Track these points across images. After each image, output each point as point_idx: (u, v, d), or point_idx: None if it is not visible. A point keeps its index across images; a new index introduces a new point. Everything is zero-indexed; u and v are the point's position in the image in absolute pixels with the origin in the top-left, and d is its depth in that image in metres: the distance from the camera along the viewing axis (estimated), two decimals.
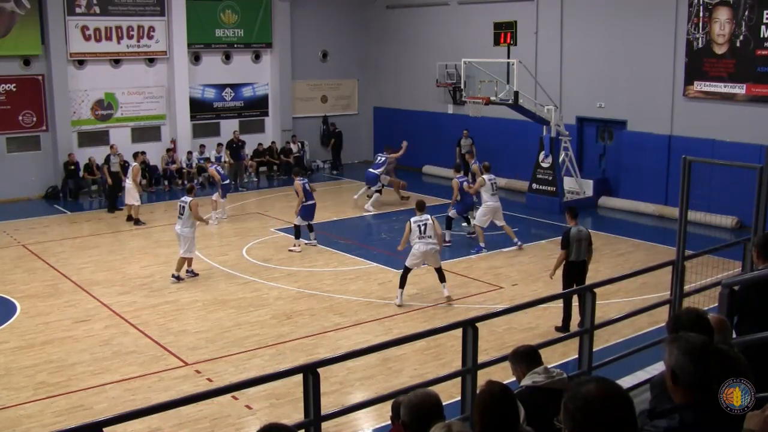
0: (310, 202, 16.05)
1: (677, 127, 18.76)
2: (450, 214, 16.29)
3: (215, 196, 18.64)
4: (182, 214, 14.22)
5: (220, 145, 23.61)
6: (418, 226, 12.64)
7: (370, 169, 19.96)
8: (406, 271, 12.72)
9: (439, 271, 12.81)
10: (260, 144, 24.87)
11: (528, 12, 21.63)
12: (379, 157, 20.13)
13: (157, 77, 23.65)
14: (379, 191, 19.85)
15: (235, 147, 23.10)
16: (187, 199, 14.27)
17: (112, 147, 20.89)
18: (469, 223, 16.80)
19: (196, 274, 14.39)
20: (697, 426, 3.06)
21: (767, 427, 2.84)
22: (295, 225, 16.02)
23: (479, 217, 15.96)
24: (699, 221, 16.35)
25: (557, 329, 11.15)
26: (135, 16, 22.82)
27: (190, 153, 23.41)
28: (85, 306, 12.84)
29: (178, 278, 14.12)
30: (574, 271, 11.35)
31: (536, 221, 18.82)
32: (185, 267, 14.27)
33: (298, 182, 16.18)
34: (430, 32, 24.98)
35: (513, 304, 10.92)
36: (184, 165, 23.28)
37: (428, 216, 12.86)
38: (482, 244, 15.80)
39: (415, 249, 12.63)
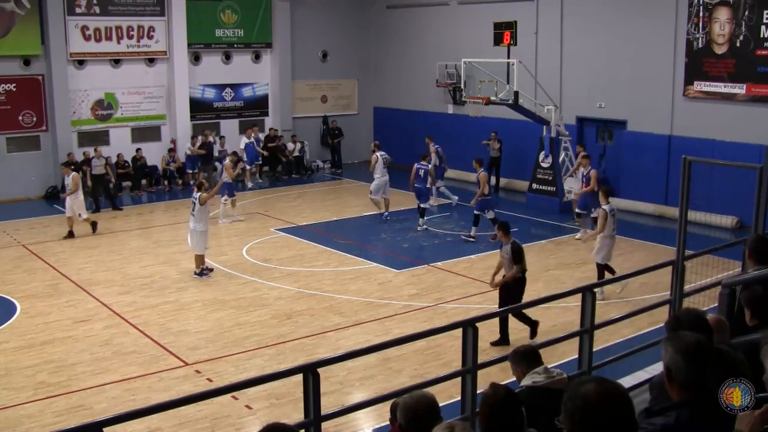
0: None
1: (677, 127, 18.76)
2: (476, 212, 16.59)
3: (224, 198, 18.50)
4: (194, 211, 14.26)
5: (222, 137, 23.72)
6: None
7: (417, 185, 17.75)
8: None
9: None
10: (273, 129, 24.96)
11: (528, 12, 21.63)
12: (420, 170, 17.80)
13: (157, 77, 23.65)
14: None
15: (206, 147, 22.73)
16: (197, 194, 14.32)
17: (96, 150, 20.73)
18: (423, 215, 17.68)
19: (205, 273, 14.45)
20: (693, 424, 3.07)
21: (758, 428, 2.85)
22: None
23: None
24: (699, 221, 16.36)
25: (493, 344, 10.52)
26: (135, 16, 22.82)
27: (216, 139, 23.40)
28: (85, 306, 12.84)
29: (201, 273, 14.24)
30: (524, 286, 11.02)
31: (536, 221, 18.82)
32: (200, 264, 14.42)
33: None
34: (430, 32, 24.98)
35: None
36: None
37: None
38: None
39: None
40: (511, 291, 10.86)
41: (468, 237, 16.63)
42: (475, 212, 16.56)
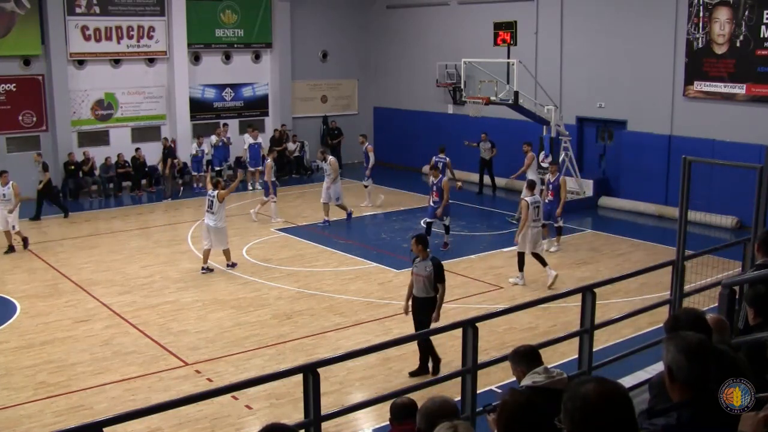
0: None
1: (677, 127, 18.76)
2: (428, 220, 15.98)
3: (272, 198, 18.47)
4: (211, 208, 14.47)
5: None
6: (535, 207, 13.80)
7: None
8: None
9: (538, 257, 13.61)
10: (283, 126, 24.95)
11: (528, 12, 21.63)
12: (438, 162, 18.09)
13: (157, 77, 23.65)
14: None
15: (166, 153, 22.28)
16: (214, 192, 14.56)
17: (36, 155, 20.18)
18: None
19: (211, 270, 14.61)
20: (695, 424, 3.06)
21: (761, 430, 2.85)
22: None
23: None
24: (699, 221, 16.38)
25: (411, 374, 9.79)
26: (135, 16, 22.82)
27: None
28: (85, 306, 12.84)
29: (233, 265, 14.67)
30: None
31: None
32: (230, 257, 14.74)
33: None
34: (430, 32, 24.98)
35: (513, 304, 10.92)
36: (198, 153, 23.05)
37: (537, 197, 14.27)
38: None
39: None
40: (429, 313, 9.80)
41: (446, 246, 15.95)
42: (438, 221, 15.78)
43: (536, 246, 13.74)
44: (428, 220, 15.91)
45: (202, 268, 14.55)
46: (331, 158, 18.68)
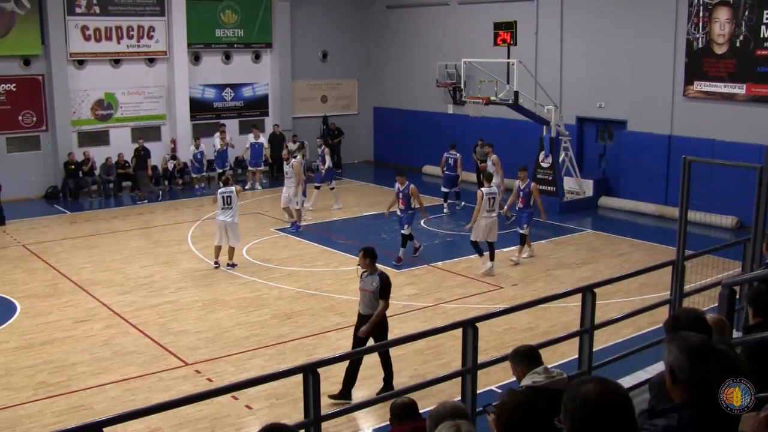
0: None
1: (677, 127, 18.76)
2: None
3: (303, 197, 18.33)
4: (228, 204, 14.70)
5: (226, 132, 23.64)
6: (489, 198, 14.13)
7: (447, 172, 19.62)
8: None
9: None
10: (277, 125, 24.90)
11: (528, 12, 21.63)
12: (449, 158, 19.57)
13: (157, 77, 23.65)
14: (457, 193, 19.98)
15: (142, 155, 22.20)
16: (231, 188, 14.85)
17: None
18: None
19: (218, 265, 14.83)
20: (696, 425, 3.06)
21: (762, 430, 2.85)
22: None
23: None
24: (699, 221, 16.38)
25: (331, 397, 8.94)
26: (135, 16, 22.81)
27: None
28: (85, 306, 12.84)
29: (233, 265, 14.76)
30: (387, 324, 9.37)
31: (536, 221, 18.73)
32: (218, 255, 14.89)
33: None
34: (430, 32, 24.98)
35: (513, 304, 10.92)
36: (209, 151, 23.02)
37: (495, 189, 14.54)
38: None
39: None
40: (377, 333, 9.09)
41: (417, 253, 15.42)
42: (404, 230, 15.13)
43: (489, 235, 14.14)
44: (403, 232, 15.06)
45: (218, 263, 14.78)
46: (293, 161, 17.90)
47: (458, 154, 19.47)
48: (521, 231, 15.03)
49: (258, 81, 25.62)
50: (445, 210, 19.25)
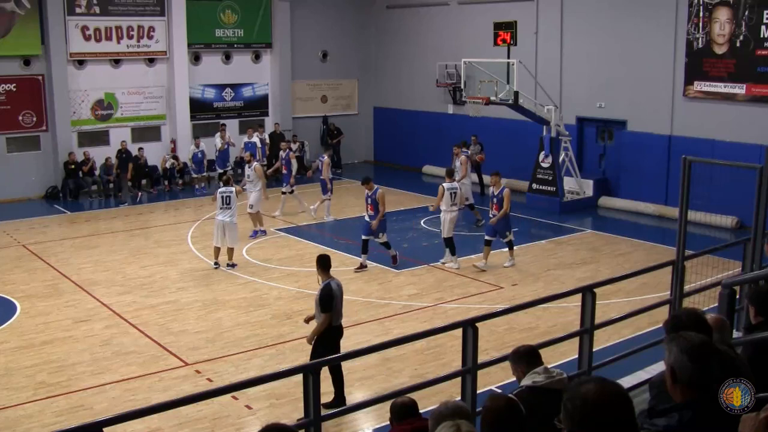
0: None
1: (677, 127, 18.76)
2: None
3: (327, 196, 18.40)
4: (228, 204, 14.73)
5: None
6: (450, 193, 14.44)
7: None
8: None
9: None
10: (278, 124, 24.94)
11: (528, 12, 21.63)
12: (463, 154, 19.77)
13: (157, 77, 23.65)
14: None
15: (124, 157, 22.05)
16: (231, 188, 14.91)
17: None
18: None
19: (218, 265, 14.80)
20: (696, 425, 3.06)
21: (762, 431, 2.84)
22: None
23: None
24: (699, 221, 16.37)
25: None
26: (135, 16, 22.81)
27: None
28: (85, 306, 12.83)
29: (233, 266, 14.76)
30: (339, 336, 9.09)
31: (536, 221, 18.82)
32: (218, 255, 14.91)
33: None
34: (430, 32, 24.98)
35: (513, 304, 10.91)
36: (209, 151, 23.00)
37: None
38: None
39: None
40: (326, 345, 8.76)
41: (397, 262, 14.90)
42: (373, 238, 14.62)
43: (451, 230, 14.59)
44: (364, 237, 14.56)
45: (218, 264, 14.78)
46: (255, 164, 17.39)
47: (470, 152, 19.78)
48: (504, 240, 14.61)
49: (258, 81, 25.62)
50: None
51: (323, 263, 9.10)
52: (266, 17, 25.28)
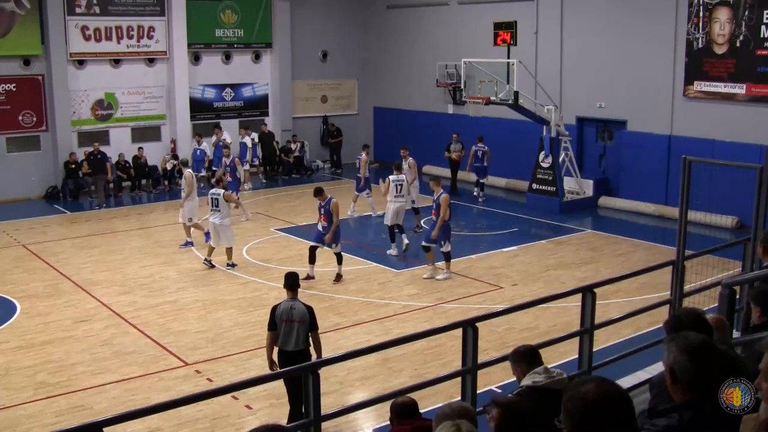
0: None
1: (677, 127, 18.76)
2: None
3: (366, 192, 19.10)
4: (216, 206, 14.69)
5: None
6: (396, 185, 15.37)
7: (475, 164, 21.20)
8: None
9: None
10: (265, 124, 24.95)
11: (528, 12, 21.63)
12: (478, 151, 21.07)
13: (157, 77, 23.65)
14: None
15: (95, 159, 21.44)
16: (219, 191, 14.82)
17: None
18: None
19: (213, 266, 14.74)
20: (696, 425, 3.06)
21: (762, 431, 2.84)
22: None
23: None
24: (699, 221, 16.37)
25: None
26: (135, 16, 22.82)
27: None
28: (85, 306, 12.83)
29: (233, 265, 14.76)
30: (288, 363, 7.85)
31: (536, 221, 18.82)
32: (231, 256, 14.92)
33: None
34: (430, 32, 24.98)
35: (513, 304, 10.91)
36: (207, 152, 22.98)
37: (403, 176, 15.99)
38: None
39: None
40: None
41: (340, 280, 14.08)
42: (325, 247, 13.99)
43: (398, 218, 15.53)
44: (312, 244, 13.98)
45: (210, 260, 14.76)
46: (186, 172, 16.59)
47: (486, 147, 20.70)
48: (442, 250, 13.91)
49: (258, 81, 25.62)
50: (480, 198, 21.10)
51: (289, 281, 8.46)
52: (266, 17, 25.28)
